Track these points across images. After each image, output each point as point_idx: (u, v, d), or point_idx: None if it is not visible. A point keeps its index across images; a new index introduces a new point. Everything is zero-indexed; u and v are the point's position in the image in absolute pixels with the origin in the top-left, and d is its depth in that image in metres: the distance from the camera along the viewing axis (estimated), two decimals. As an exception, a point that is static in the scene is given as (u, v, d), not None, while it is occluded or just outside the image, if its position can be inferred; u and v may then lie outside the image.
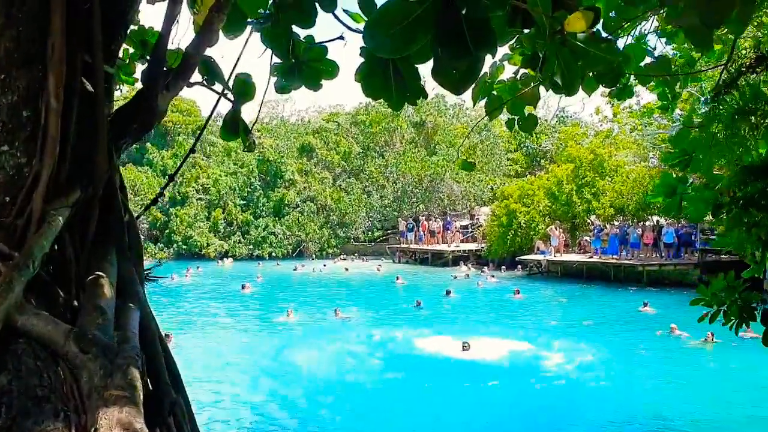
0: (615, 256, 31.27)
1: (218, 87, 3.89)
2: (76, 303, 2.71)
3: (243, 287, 28.64)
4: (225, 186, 46.04)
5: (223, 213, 45.23)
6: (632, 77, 4.77)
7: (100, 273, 2.71)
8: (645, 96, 27.68)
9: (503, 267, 35.58)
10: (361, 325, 21.28)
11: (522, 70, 4.22)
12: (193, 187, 46.15)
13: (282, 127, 57.24)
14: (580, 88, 4.04)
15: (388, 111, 52.60)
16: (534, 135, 53.00)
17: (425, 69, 2.57)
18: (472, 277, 32.71)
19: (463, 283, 30.58)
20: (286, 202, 46.16)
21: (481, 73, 2.14)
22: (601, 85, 4.70)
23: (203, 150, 50.94)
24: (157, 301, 25.51)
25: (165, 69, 3.22)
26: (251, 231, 44.80)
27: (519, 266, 35.24)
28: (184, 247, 43.84)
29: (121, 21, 3.30)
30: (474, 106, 4.40)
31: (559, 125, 53.22)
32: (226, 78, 3.51)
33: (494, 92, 4.34)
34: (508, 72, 4.30)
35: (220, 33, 3.55)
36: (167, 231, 45.01)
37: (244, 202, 46.34)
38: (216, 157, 50.22)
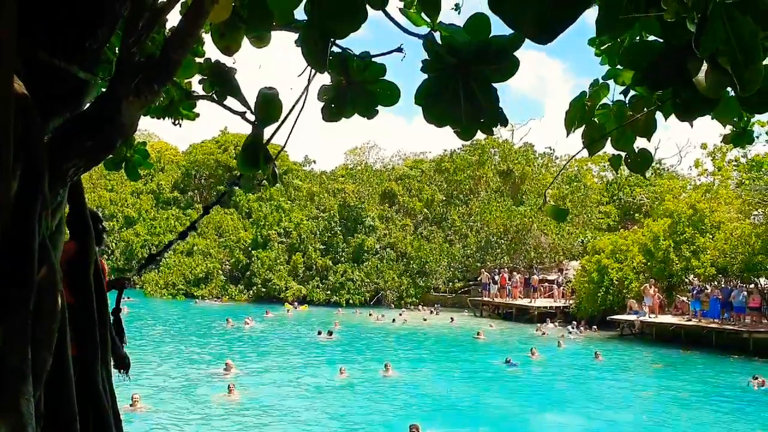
0: (716, 320, 28.53)
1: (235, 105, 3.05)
2: None
3: (322, 333, 28.10)
4: (306, 230, 45.95)
5: (303, 257, 45.02)
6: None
7: None
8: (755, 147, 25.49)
9: (594, 326, 33.23)
10: (428, 384, 19.76)
11: (632, 91, 3.16)
12: (276, 230, 46.40)
13: (365, 173, 57.22)
14: (710, 117, 2.96)
15: (473, 158, 51.59)
16: (628, 187, 50.59)
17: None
18: (567, 336, 30.54)
19: (547, 342, 28.64)
20: (365, 248, 45.41)
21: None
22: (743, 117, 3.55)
23: (288, 194, 51.51)
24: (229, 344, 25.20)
25: (137, 66, 2.35)
26: (330, 276, 44.25)
27: (619, 327, 32.69)
28: (263, 290, 43.86)
29: (104, 7, 2.46)
30: (567, 135, 3.31)
31: (654, 178, 50.53)
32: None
33: (595, 119, 3.29)
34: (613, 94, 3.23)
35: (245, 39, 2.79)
36: (248, 273, 45.30)
37: (324, 246, 45.97)
38: (300, 201, 50.56)
